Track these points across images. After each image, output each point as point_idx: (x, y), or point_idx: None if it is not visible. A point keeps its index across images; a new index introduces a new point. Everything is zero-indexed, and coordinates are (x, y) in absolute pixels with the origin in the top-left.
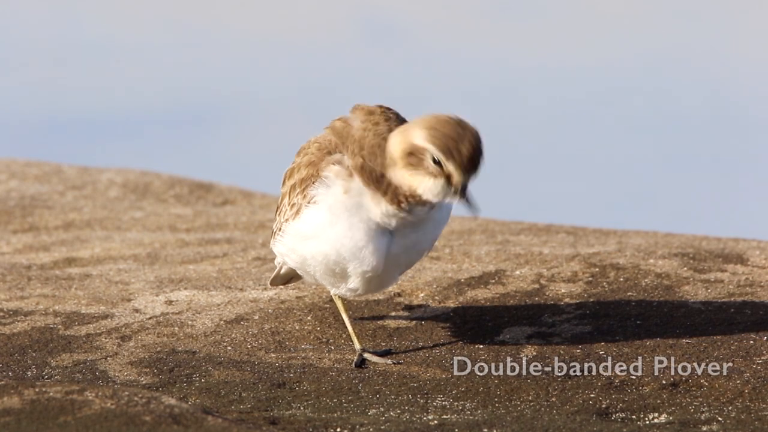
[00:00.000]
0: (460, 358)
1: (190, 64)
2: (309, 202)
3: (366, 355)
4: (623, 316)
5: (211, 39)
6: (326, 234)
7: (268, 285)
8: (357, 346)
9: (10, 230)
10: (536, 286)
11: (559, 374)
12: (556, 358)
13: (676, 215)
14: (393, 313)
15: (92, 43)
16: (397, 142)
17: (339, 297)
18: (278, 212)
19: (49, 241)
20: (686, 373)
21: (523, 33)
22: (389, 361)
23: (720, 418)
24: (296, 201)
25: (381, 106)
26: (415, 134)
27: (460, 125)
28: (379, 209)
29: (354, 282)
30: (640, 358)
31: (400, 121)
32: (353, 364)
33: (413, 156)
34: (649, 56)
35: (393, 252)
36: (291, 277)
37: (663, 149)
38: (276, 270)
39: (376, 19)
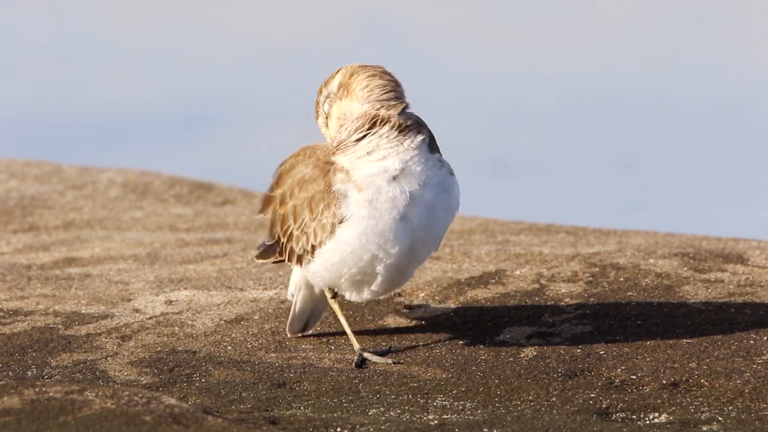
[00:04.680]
0: (460, 358)
1: (190, 65)
2: (341, 222)
3: (366, 355)
4: (623, 316)
5: (211, 39)
6: (368, 237)
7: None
8: (356, 346)
9: (10, 230)
10: (536, 286)
11: (559, 374)
12: (556, 358)
13: (676, 215)
14: (393, 313)
15: (92, 43)
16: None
17: (336, 301)
18: (298, 227)
19: (49, 241)
20: (686, 373)
21: (523, 33)
22: (389, 361)
23: (720, 418)
24: (326, 221)
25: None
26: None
27: None
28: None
29: (378, 280)
30: (640, 358)
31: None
32: (353, 364)
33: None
34: (649, 56)
35: (417, 220)
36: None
37: (663, 149)
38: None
39: (376, 19)
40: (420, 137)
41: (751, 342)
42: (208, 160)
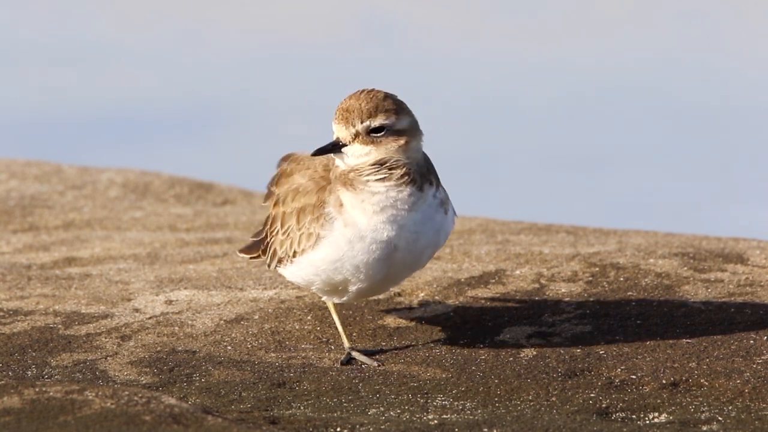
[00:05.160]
0: (460, 358)
1: (190, 64)
2: (324, 238)
3: (354, 354)
4: (623, 316)
5: (211, 39)
6: (344, 265)
7: (238, 253)
8: (346, 344)
9: (10, 230)
10: (536, 285)
11: (559, 374)
12: (556, 358)
13: (676, 215)
14: (393, 313)
15: (92, 43)
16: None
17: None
18: (282, 232)
19: (49, 241)
20: (686, 373)
21: (523, 32)
22: (375, 363)
23: (720, 418)
24: (313, 231)
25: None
26: None
27: None
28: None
29: (349, 295)
30: (640, 358)
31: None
32: (340, 362)
33: None
34: (649, 56)
35: (398, 260)
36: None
37: (663, 149)
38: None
39: (376, 19)
40: (417, 184)
41: (751, 342)
42: (208, 160)
